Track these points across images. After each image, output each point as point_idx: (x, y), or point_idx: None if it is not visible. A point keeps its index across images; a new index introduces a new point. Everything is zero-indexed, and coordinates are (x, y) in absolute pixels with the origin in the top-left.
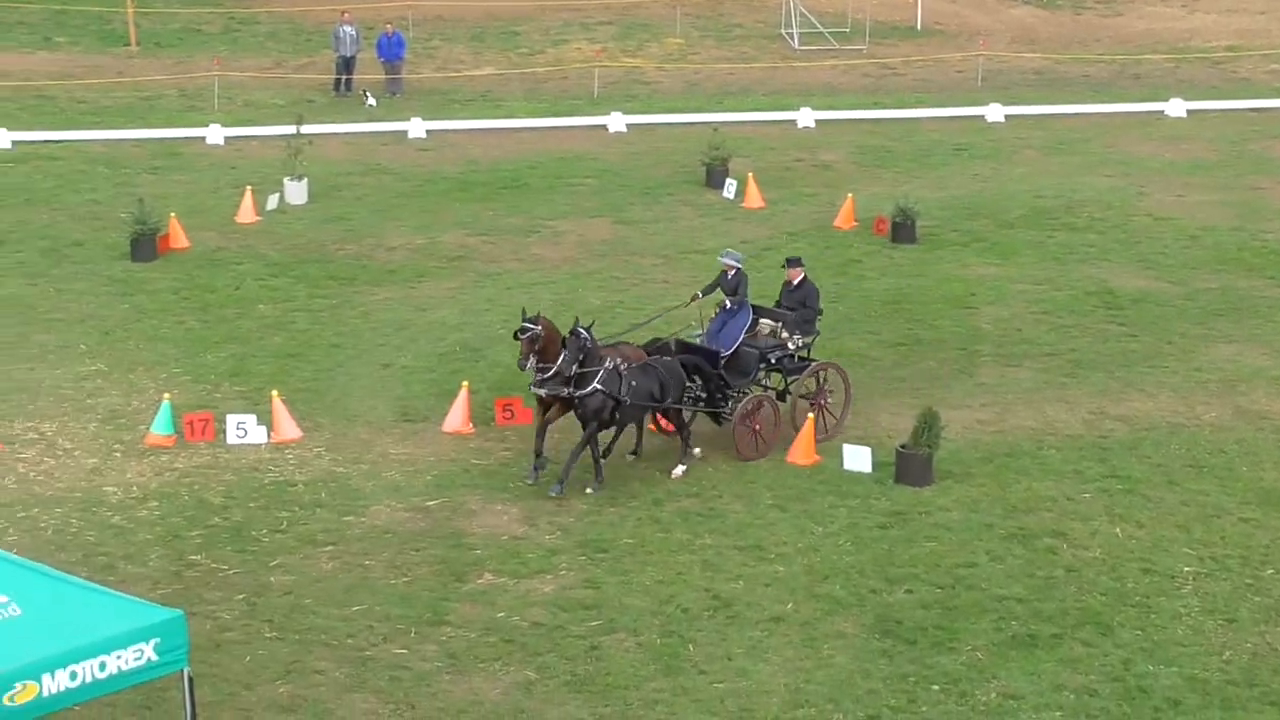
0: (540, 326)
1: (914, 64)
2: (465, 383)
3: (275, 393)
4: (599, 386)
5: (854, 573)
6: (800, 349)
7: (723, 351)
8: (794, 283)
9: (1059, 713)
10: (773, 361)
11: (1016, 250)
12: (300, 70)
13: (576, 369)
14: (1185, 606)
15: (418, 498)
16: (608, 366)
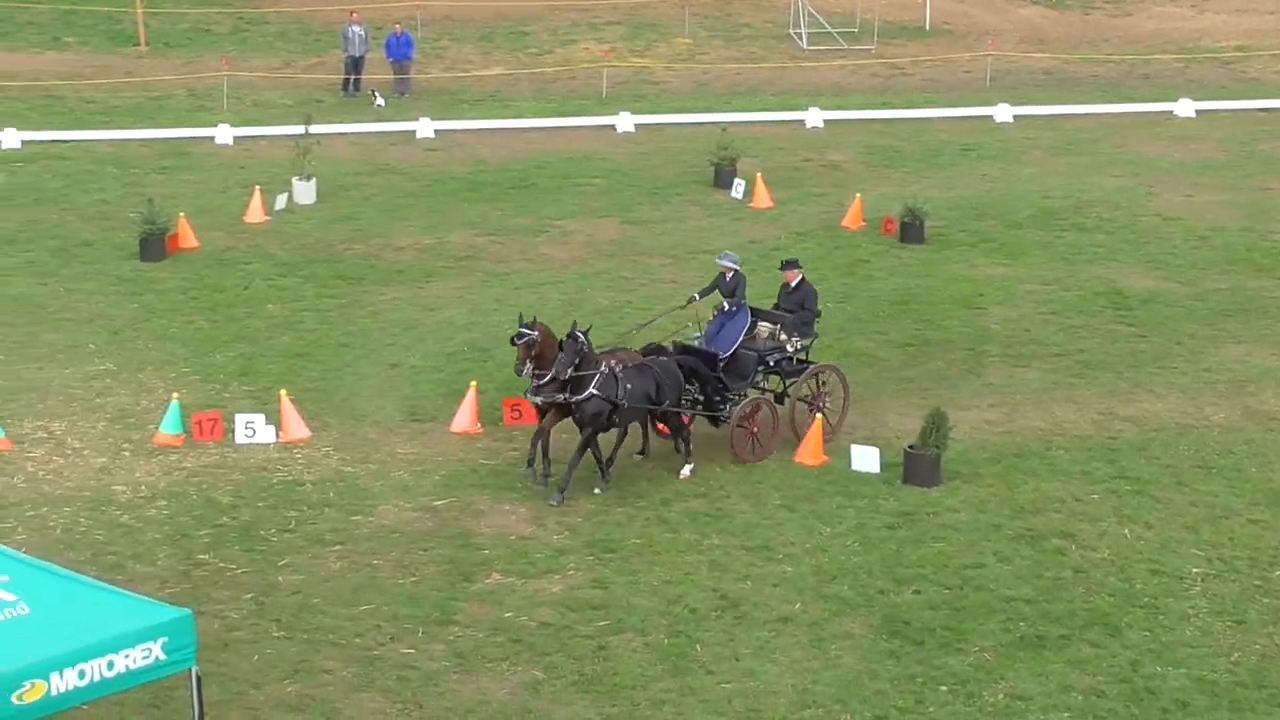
0: (537, 331)
1: (922, 64)
2: (473, 383)
3: (284, 392)
4: (595, 391)
5: (862, 573)
6: (799, 351)
7: (721, 354)
8: (792, 284)
9: (1067, 714)
10: (771, 364)
11: (1025, 250)
12: (309, 70)
13: (572, 372)
14: (1193, 608)
15: (426, 497)
16: (604, 371)
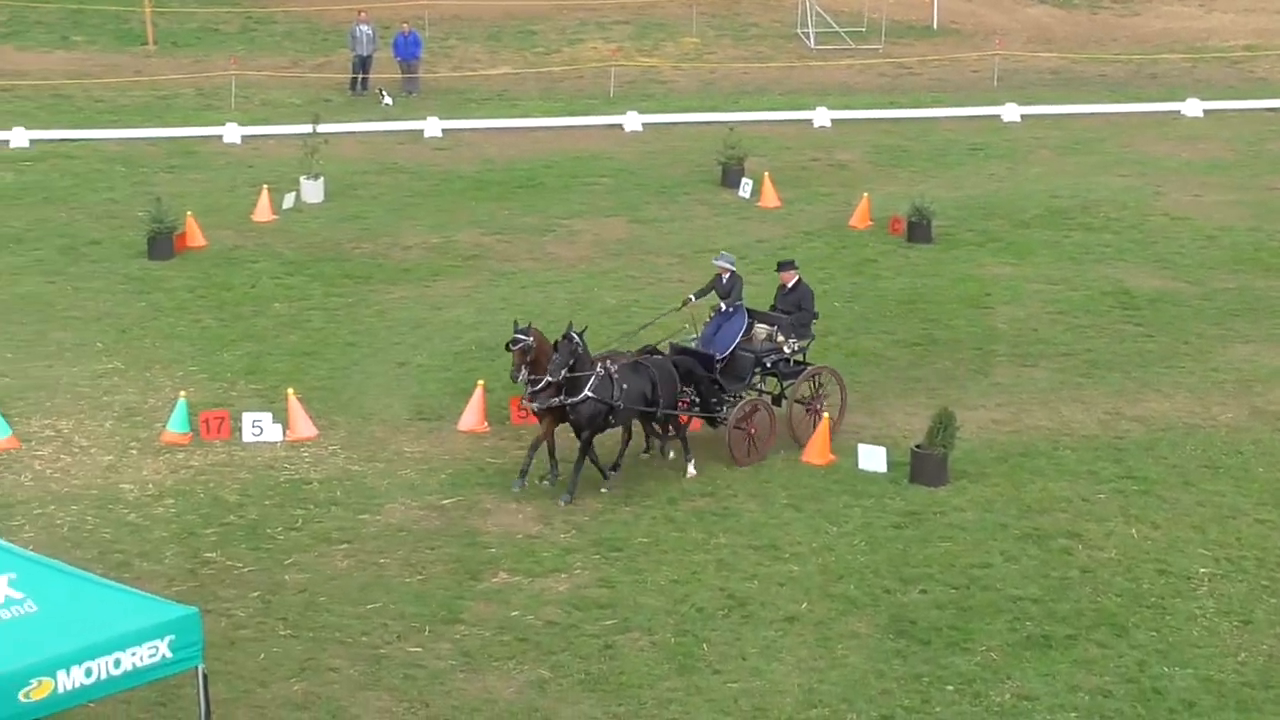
0: (531, 337)
1: (930, 63)
2: (481, 381)
3: (291, 391)
4: (590, 394)
5: (868, 573)
6: (796, 353)
7: (718, 355)
8: (788, 286)
9: (1073, 714)
10: (768, 366)
11: (1032, 250)
12: (317, 69)
13: (566, 374)
14: (1200, 608)
15: (433, 496)
16: (599, 372)
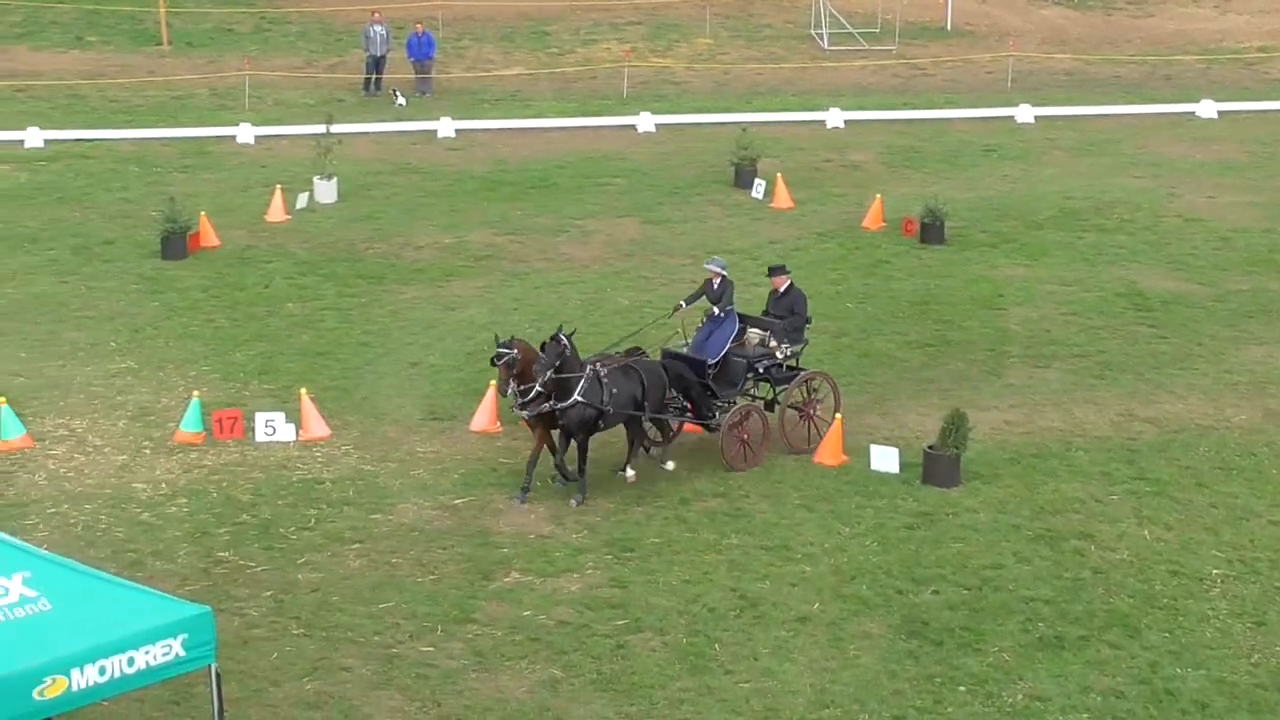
0: (515, 350)
1: (943, 64)
2: (493, 381)
3: (304, 391)
4: (580, 398)
5: (880, 573)
6: (789, 358)
7: (710, 360)
8: (780, 290)
9: (1086, 715)
10: (761, 371)
11: (1046, 251)
12: (330, 70)
13: (553, 374)
14: (1213, 609)
15: (445, 496)
16: (588, 374)
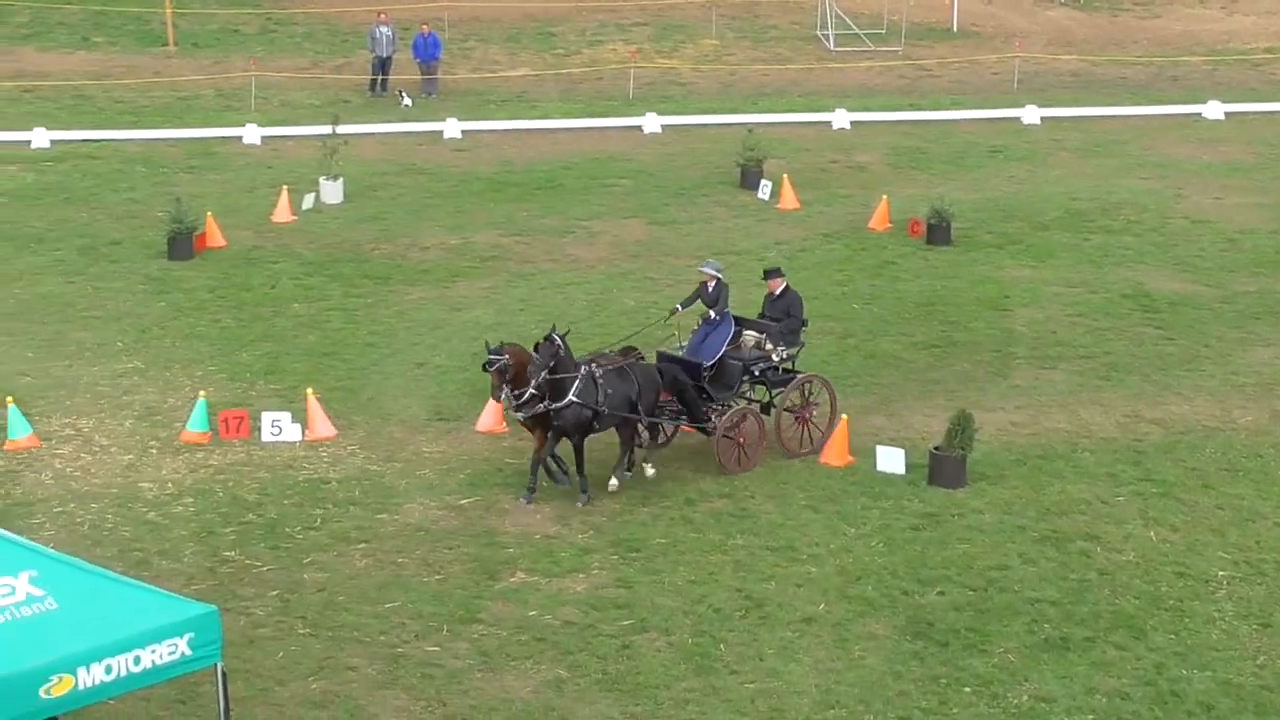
0: (507, 356)
1: (949, 65)
2: None
3: (310, 391)
4: (574, 399)
5: (886, 574)
6: (785, 361)
7: (705, 363)
8: (776, 293)
9: (1091, 716)
10: (757, 374)
11: (1052, 252)
12: (336, 70)
13: (547, 375)
14: (1219, 611)
15: (451, 496)
16: (583, 374)
